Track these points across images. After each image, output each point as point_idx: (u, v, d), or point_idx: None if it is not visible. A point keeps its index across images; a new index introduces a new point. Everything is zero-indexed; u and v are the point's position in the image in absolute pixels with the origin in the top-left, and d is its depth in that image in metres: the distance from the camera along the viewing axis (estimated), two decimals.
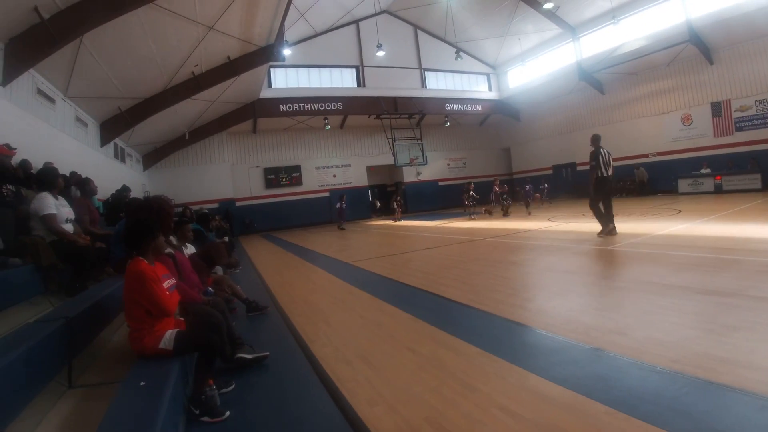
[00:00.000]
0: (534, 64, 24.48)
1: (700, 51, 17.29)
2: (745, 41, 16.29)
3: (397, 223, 18.82)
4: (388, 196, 27.42)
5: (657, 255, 6.07)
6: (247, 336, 4.00)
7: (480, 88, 27.16)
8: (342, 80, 23.68)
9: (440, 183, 27.80)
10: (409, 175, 26.59)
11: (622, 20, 18.71)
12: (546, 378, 2.65)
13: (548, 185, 20.93)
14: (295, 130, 23.86)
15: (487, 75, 27.32)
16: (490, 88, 27.38)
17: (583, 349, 3.05)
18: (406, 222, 18.88)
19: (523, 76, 25.37)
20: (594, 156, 8.14)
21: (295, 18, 18.59)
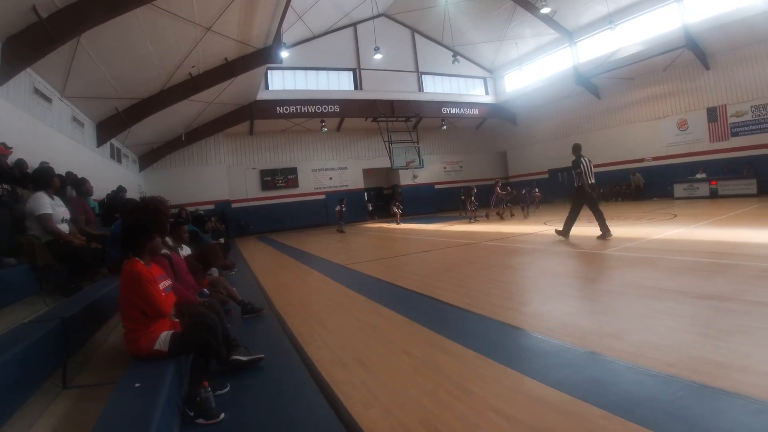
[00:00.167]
0: (531, 68, 24.58)
1: (696, 56, 17.42)
2: (741, 47, 16.42)
3: (398, 226, 18.79)
4: (385, 199, 27.46)
5: (652, 259, 6.10)
6: (243, 338, 3.99)
7: (477, 92, 27.22)
8: (339, 83, 23.69)
9: (437, 186, 27.80)
10: (406, 178, 26.57)
11: (618, 25, 18.82)
12: (542, 381, 2.66)
13: (538, 190, 20.08)
14: (292, 132, 23.83)
15: (484, 79, 27.41)
16: (487, 92, 27.46)
17: (578, 353, 3.06)
18: (404, 225, 18.88)
19: (519, 81, 25.47)
20: (576, 164, 8.42)
21: (292, 20, 18.60)
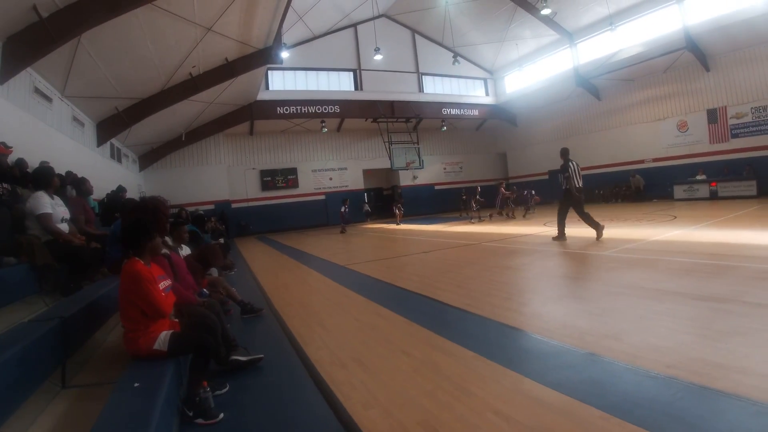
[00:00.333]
0: (531, 69, 24.57)
1: (696, 58, 17.42)
2: (741, 48, 16.42)
3: (398, 226, 18.79)
4: (385, 199, 27.45)
5: (652, 260, 6.09)
6: (242, 338, 3.99)
7: (477, 93, 27.23)
8: (339, 83, 23.69)
9: (436, 187, 27.80)
10: (406, 179, 26.56)
11: (619, 27, 18.81)
12: (541, 382, 2.65)
13: (535, 193, 19.28)
14: (292, 132, 23.84)
15: (484, 80, 27.41)
16: (487, 93, 27.47)
17: (578, 354, 3.05)
18: (404, 225, 18.88)
19: (520, 82, 25.46)
20: (564, 168, 8.53)
21: (293, 20, 18.61)
